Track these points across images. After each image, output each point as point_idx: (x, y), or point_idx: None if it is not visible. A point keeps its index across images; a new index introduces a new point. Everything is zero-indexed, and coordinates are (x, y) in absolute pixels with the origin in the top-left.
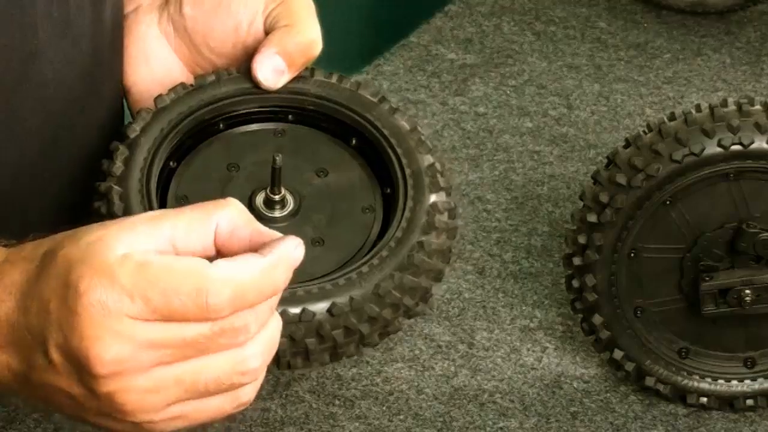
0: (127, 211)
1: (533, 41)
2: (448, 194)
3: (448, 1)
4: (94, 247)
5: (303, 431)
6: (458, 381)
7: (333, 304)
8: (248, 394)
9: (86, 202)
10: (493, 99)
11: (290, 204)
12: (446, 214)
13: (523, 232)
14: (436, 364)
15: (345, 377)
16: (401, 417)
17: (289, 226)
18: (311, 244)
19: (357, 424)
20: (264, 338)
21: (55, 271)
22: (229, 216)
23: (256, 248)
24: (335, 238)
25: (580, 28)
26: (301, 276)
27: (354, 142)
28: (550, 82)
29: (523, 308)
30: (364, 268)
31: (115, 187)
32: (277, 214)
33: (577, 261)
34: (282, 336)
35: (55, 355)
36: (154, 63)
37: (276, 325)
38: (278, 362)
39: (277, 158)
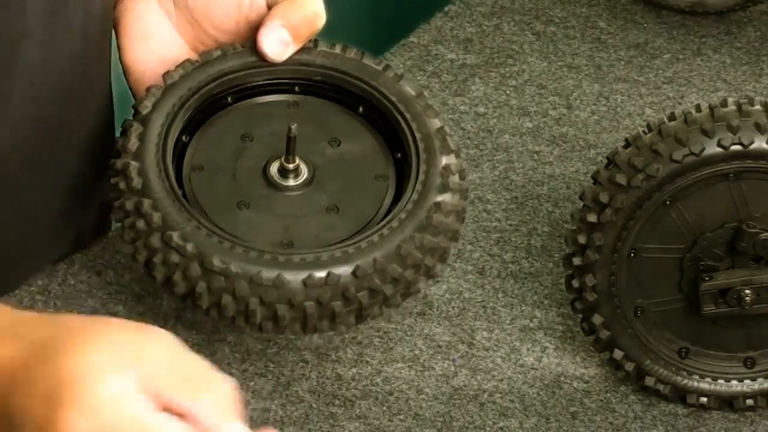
0: (147, 186)
1: (533, 41)
2: (458, 156)
3: (448, 1)
4: (83, 383)
5: (303, 431)
6: (458, 381)
7: (357, 267)
8: None
9: (78, 184)
10: (493, 99)
11: (304, 173)
12: (458, 175)
13: (523, 232)
14: (436, 364)
15: (345, 377)
16: (401, 417)
17: (303, 194)
18: (326, 211)
19: (357, 424)
20: None
21: (45, 383)
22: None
23: None
24: (349, 206)
25: (580, 28)
26: (319, 243)
27: (361, 110)
28: (550, 82)
29: (523, 308)
30: (385, 231)
31: (133, 162)
32: (291, 182)
33: (577, 261)
34: (309, 300)
35: None
36: (155, 40)
37: None
38: (305, 326)
39: (293, 127)
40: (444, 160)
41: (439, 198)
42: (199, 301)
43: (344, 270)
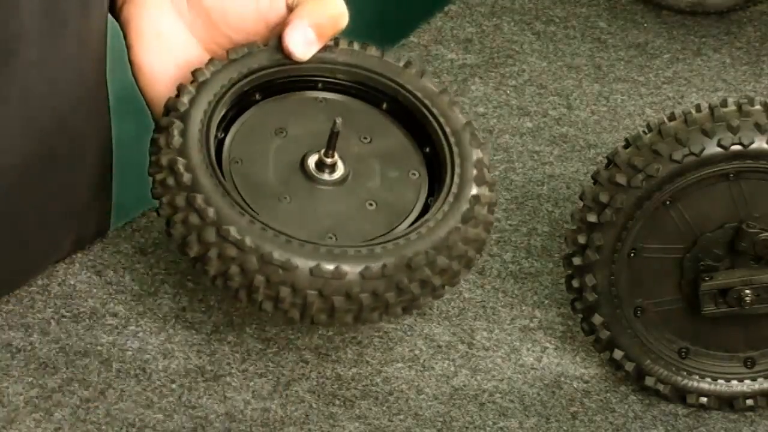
0: (196, 182)
1: (533, 41)
2: (485, 150)
3: (448, 1)
4: None
5: (303, 431)
6: (458, 381)
7: (410, 259)
8: None
9: (76, 185)
10: (493, 99)
11: (341, 168)
12: (489, 167)
13: (523, 232)
14: (436, 364)
15: (345, 377)
16: (401, 417)
17: (341, 189)
18: (364, 205)
19: (357, 424)
20: None
21: None
22: None
23: None
24: (386, 200)
25: (580, 28)
26: (358, 236)
27: (385, 106)
28: (550, 82)
29: (523, 308)
30: (431, 223)
31: (180, 158)
32: (327, 177)
33: (577, 261)
34: (365, 292)
35: None
36: (168, 40)
37: None
38: (358, 318)
39: (338, 121)
40: (476, 154)
41: (477, 190)
42: (255, 294)
43: (398, 261)
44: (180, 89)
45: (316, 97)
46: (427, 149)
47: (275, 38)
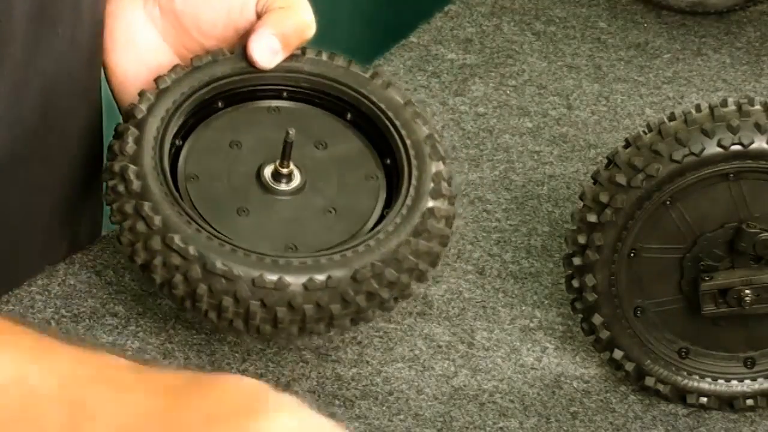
0: (146, 190)
1: (533, 41)
2: (446, 163)
3: (448, 1)
4: None
5: None
6: (458, 381)
7: (356, 271)
8: None
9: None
10: (493, 99)
11: (297, 177)
12: (447, 181)
13: (523, 232)
14: (436, 364)
15: (345, 377)
16: (401, 417)
17: (299, 197)
18: (323, 213)
19: (357, 424)
20: None
21: None
22: None
23: None
24: (345, 206)
25: (580, 28)
26: (321, 243)
27: (349, 116)
28: (550, 82)
29: (523, 308)
30: (381, 235)
31: (131, 165)
32: (285, 186)
33: (577, 261)
34: (309, 303)
35: None
36: (140, 45)
37: None
38: (303, 329)
39: (290, 132)
40: (435, 166)
41: (432, 204)
42: (199, 303)
43: (344, 273)
44: (140, 96)
45: (269, 106)
46: (388, 161)
47: (240, 46)
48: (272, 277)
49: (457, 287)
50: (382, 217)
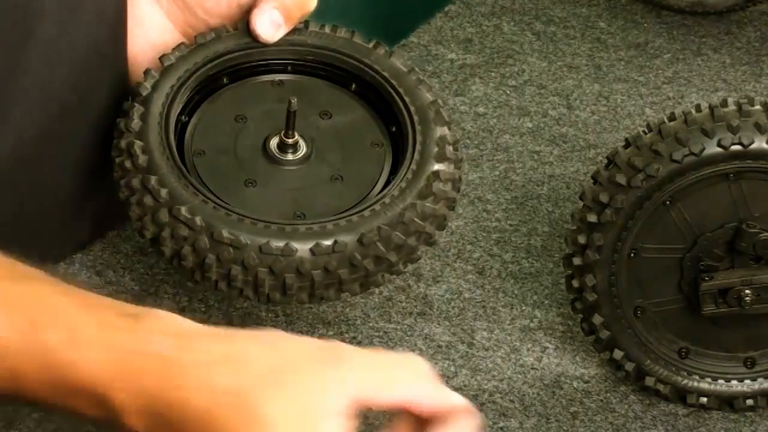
0: (152, 164)
1: (533, 41)
2: (450, 128)
3: (448, 1)
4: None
5: None
6: (458, 381)
7: (362, 234)
8: None
9: (96, 159)
10: (493, 99)
11: (303, 147)
12: (453, 145)
13: (523, 232)
14: (436, 364)
15: None
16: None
17: (306, 167)
18: (330, 180)
19: (357, 423)
20: None
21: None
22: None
23: None
24: (352, 173)
25: (580, 28)
26: (329, 211)
27: (354, 87)
28: (550, 82)
29: (523, 308)
30: (387, 199)
31: (137, 141)
32: (291, 157)
33: (577, 261)
34: (317, 268)
35: None
36: (146, 26)
37: None
38: (312, 295)
39: (293, 101)
40: (439, 131)
41: (437, 167)
42: (208, 273)
43: (350, 238)
44: (145, 74)
45: (272, 80)
46: (393, 128)
47: (244, 22)
48: (279, 244)
49: (457, 287)
50: (388, 183)
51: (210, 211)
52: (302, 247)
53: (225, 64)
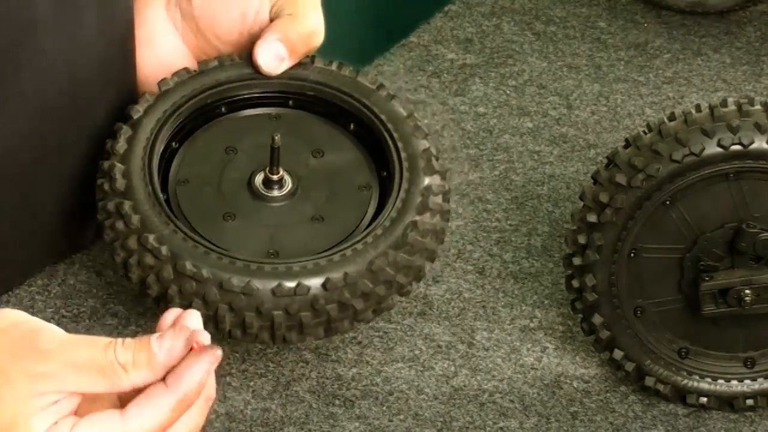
0: (129, 189)
1: (533, 41)
2: (443, 178)
3: (448, 1)
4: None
5: (303, 431)
6: (458, 381)
7: (327, 279)
8: None
9: (93, 175)
10: (493, 99)
11: (288, 184)
12: (440, 196)
13: (523, 232)
14: (436, 364)
15: (345, 377)
16: (401, 417)
17: (288, 204)
18: (311, 220)
19: (357, 424)
20: None
21: None
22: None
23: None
24: (334, 215)
25: (580, 28)
26: (303, 252)
27: (352, 127)
28: (550, 82)
29: (523, 308)
30: (359, 246)
31: (118, 165)
32: (276, 193)
33: (577, 261)
34: (278, 309)
35: None
36: (160, 47)
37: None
38: (273, 336)
39: (276, 137)
40: (427, 181)
41: (417, 218)
42: (171, 303)
43: (314, 282)
44: (141, 97)
45: (270, 113)
46: (385, 173)
47: (248, 52)
48: (240, 282)
49: (457, 287)
50: (370, 226)
51: (178, 241)
52: (264, 287)
53: (223, 93)
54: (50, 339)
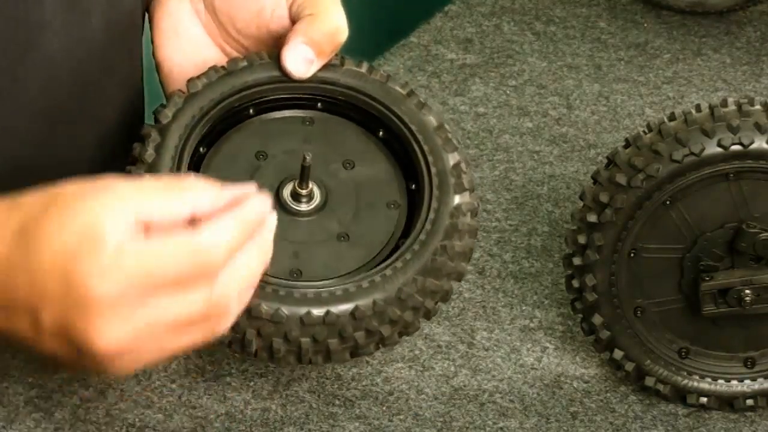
0: None
1: (533, 41)
2: (472, 192)
3: (448, 1)
4: (89, 234)
5: (303, 431)
6: (458, 381)
7: (356, 308)
8: (222, 326)
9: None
10: (493, 99)
11: (317, 198)
12: (469, 215)
13: (523, 232)
14: (436, 364)
15: (345, 377)
16: (401, 417)
17: (315, 219)
18: (337, 239)
19: (357, 424)
20: (238, 274)
21: (48, 257)
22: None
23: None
24: (360, 234)
25: (580, 28)
26: (328, 272)
27: (381, 133)
28: (550, 82)
29: (523, 308)
30: (388, 271)
31: (147, 174)
32: (303, 207)
33: (577, 261)
34: (305, 336)
35: (47, 325)
36: (185, 39)
37: (254, 258)
38: (300, 358)
39: (307, 157)
40: (457, 199)
41: (446, 241)
42: None
43: (343, 309)
44: (169, 99)
45: (303, 116)
46: (414, 186)
47: (277, 52)
48: (269, 308)
49: (457, 287)
50: (397, 247)
51: None
52: (292, 314)
53: (253, 96)
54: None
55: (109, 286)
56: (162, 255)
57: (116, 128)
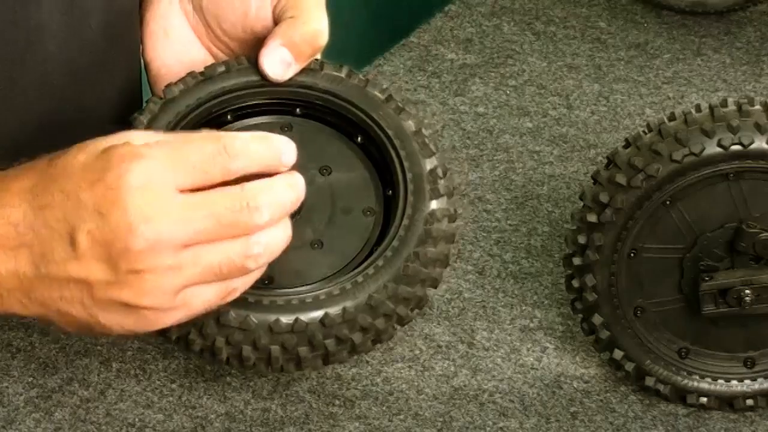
0: None
1: (533, 41)
2: (449, 198)
3: (448, 1)
4: (118, 139)
5: (303, 431)
6: (458, 381)
7: (326, 315)
8: (241, 287)
9: None
10: (493, 99)
11: None
12: (445, 220)
13: (523, 232)
14: (436, 364)
15: (345, 377)
16: (401, 417)
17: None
18: (310, 246)
19: (357, 424)
20: (271, 235)
21: (80, 165)
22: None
23: None
24: (335, 241)
25: (580, 28)
26: (300, 278)
27: (359, 139)
28: (550, 82)
29: (523, 308)
30: (359, 278)
31: None
32: None
33: (577, 261)
34: (274, 344)
35: (84, 241)
36: (174, 39)
37: (283, 232)
38: (271, 366)
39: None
40: (433, 205)
41: (420, 248)
42: (167, 333)
43: (312, 317)
44: (146, 104)
45: (281, 122)
46: (389, 191)
47: (253, 57)
48: (237, 316)
49: (457, 287)
50: (371, 254)
51: None
52: (261, 322)
53: (230, 101)
54: None
55: (153, 198)
56: (210, 193)
57: (114, 129)
